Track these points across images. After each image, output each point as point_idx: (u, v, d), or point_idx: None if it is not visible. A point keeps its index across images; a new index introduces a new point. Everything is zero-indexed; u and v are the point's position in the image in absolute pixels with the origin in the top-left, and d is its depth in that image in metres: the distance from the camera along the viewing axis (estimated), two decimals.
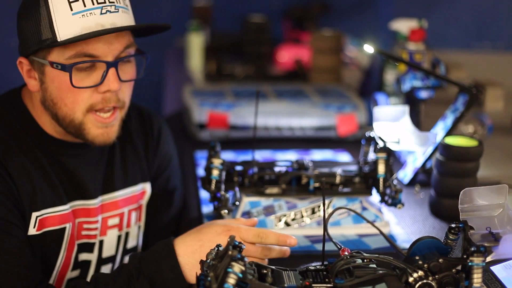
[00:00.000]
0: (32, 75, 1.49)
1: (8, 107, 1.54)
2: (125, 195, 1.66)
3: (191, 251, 1.37)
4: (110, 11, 1.43)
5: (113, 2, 1.44)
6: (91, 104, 1.47)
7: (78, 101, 1.46)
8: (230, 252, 1.11)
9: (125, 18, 1.47)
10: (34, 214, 1.47)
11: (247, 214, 1.61)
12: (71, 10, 1.40)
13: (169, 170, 1.78)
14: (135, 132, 1.71)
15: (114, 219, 1.64)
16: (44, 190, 1.49)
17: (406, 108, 1.75)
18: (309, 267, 1.26)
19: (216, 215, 1.56)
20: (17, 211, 1.44)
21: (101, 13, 1.42)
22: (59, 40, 1.40)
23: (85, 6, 1.41)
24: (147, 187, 1.72)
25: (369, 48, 1.89)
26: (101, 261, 1.63)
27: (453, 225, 1.27)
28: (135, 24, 1.49)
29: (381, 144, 1.66)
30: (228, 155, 2.10)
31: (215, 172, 1.60)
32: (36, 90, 1.49)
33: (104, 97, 1.47)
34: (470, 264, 1.15)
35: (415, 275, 1.17)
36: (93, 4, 1.41)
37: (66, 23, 1.40)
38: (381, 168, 1.63)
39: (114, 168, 1.65)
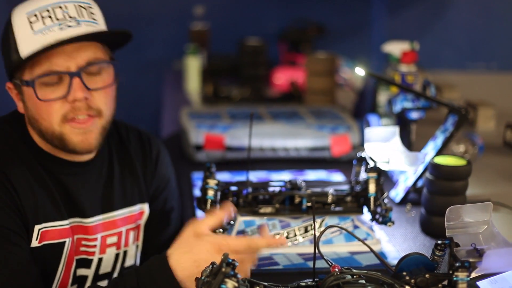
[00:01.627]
0: (19, 98, 1.56)
1: (13, 125, 1.60)
2: (123, 214, 1.70)
3: (188, 273, 1.39)
4: (70, 26, 1.49)
5: (74, 17, 1.50)
6: (63, 114, 1.51)
7: (51, 113, 1.51)
8: (223, 269, 1.15)
9: (89, 30, 1.52)
10: (37, 227, 1.52)
11: (241, 233, 1.65)
12: (32, 29, 1.48)
13: (166, 191, 1.82)
14: (134, 154, 1.75)
15: (112, 238, 1.68)
16: (46, 204, 1.54)
17: (396, 129, 1.80)
18: (300, 284, 1.30)
19: None
20: (21, 222, 1.49)
21: (60, 29, 1.48)
22: (23, 58, 1.47)
23: (44, 24, 1.48)
24: (145, 207, 1.76)
25: (360, 71, 1.94)
26: (97, 277, 1.67)
27: (439, 242, 1.32)
28: (86, 34, 1.50)
29: (371, 164, 1.70)
30: (224, 176, 2.14)
31: (210, 193, 1.64)
32: (22, 111, 1.57)
33: (73, 106, 1.51)
34: (455, 279, 1.20)
35: None
36: (52, 21, 1.48)
37: (28, 42, 1.47)
38: (372, 188, 1.67)
39: (112, 188, 1.69)
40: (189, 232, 1.45)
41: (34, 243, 1.52)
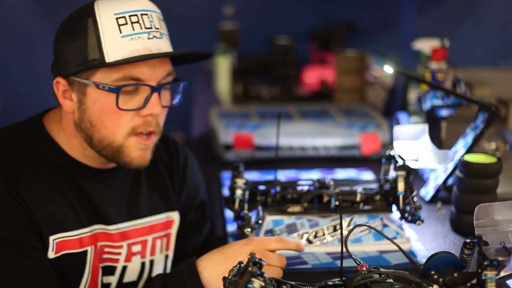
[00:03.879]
0: (68, 96, 1.51)
1: (34, 131, 1.56)
2: (149, 223, 1.67)
3: (216, 263, 1.42)
4: (156, 37, 1.47)
5: (158, 29, 1.48)
6: (133, 127, 1.49)
7: (119, 124, 1.48)
8: (250, 269, 1.15)
9: (168, 45, 1.51)
10: (51, 238, 1.49)
11: (270, 232, 1.65)
12: (120, 32, 1.44)
13: (198, 198, 1.81)
14: (160, 162, 1.73)
15: (137, 246, 1.65)
16: (63, 213, 1.51)
17: (425, 127, 1.78)
18: (328, 283, 1.29)
19: (240, 233, 1.60)
20: (35, 234, 1.46)
21: (149, 38, 1.46)
22: (107, 61, 1.43)
23: (133, 30, 1.45)
24: (174, 216, 1.73)
25: (389, 69, 1.93)
26: (121, 285, 1.64)
27: (468, 240, 1.31)
28: (185, 50, 1.51)
29: (400, 162, 1.69)
30: (253, 175, 2.14)
31: (239, 192, 1.65)
32: (72, 111, 1.51)
33: (145, 121, 1.50)
34: (484, 278, 1.18)
35: None
36: (141, 28, 1.45)
37: (116, 45, 1.44)
38: (401, 186, 1.66)
39: (138, 196, 1.66)
40: None
41: (51, 254, 1.49)
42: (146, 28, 1.46)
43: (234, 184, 1.66)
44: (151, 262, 1.69)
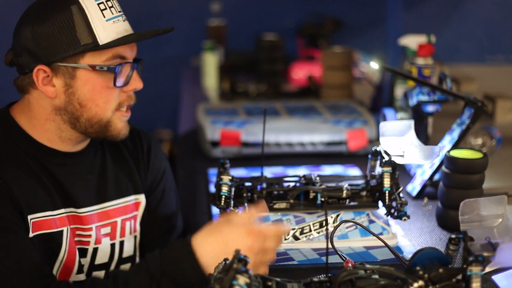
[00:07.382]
0: (48, 82, 1.55)
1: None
2: (117, 205, 1.71)
3: (215, 254, 1.39)
4: (125, 19, 1.60)
5: (121, 12, 1.60)
6: (119, 102, 1.61)
7: (110, 100, 1.59)
8: (235, 265, 1.15)
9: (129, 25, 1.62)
10: (29, 217, 1.53)
11: None
12: (104, 17, 1.54)
13: (163, 182, 1.82)
14: (125, 150, 1.77)
15: (106, 228, 1.68)
16: (39, 194, 1.55)
17: (411, 123, 1.79)
18: (313, 279, 1.29)
19: None
20: (16, 211, 1.50)
21: (123, 20, 1.58)
22: (100, 43, 1.53)
23: (112, 14, 1.56)
24: (141, 198, 1.76)
25: (375, 65, 1.93)
26: (93, 267, 1.67)
27: (453, 236, 1.31)
28: (155, 30, 1.61)
29: (386, 158, 1.69)
30: (240, 172, 2.14)
31: (224, 189, 1.64)
32: (54, 96, 1.56)
33: (129, 95, 1.62)
34: (469, 273, 1.19)
35: (415, 285, 1.21)
36: (116, 12, 1.57)
37: (103, 28, 1.54)
38: (387, 182, 1.66)
39: (106, 180, 1.70)
40: (219, 220, 1.48)
41: (30, 234, 1.52)
42: (118, 12, 1.58)
43: (220, 180, 1.66)
44: (121, 243, 1.72)
